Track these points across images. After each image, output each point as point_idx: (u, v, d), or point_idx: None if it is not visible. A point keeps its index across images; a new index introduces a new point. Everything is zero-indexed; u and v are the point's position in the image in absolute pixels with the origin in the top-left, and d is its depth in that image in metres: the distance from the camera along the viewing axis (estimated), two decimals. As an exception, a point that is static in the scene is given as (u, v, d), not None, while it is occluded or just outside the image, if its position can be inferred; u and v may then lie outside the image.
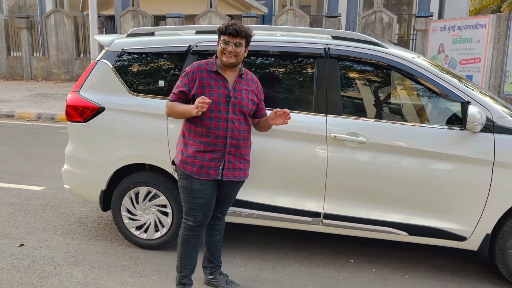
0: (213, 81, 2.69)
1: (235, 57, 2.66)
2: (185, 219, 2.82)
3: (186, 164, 2.71)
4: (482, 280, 3.25)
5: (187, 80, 2.72)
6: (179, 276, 2.88)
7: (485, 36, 8.51)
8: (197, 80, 2.68)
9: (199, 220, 2.78)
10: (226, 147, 2.69)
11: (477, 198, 3.00)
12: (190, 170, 2.70)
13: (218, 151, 2.70)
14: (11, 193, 4.84)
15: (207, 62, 2.76)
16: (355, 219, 3.18)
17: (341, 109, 3.18)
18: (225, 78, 2.71)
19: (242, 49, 2.68)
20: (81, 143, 3.56)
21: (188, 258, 2.86)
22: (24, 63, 16.52)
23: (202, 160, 2.69)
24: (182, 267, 2.86)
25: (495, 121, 2.97)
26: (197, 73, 2.70)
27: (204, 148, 2.69)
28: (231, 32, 2.62)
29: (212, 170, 2.70)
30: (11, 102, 11.10)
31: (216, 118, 2.66)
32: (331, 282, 3.18)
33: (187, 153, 2.72)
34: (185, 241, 2.83)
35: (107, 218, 4.21)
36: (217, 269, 3.05)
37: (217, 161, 2.70)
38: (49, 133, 8.27)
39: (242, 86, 2.76)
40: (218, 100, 2.66)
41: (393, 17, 13.16)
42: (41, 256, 3.46)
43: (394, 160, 3.09)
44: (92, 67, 3.59)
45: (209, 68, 2.72)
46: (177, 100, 2.76)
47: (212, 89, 2.67)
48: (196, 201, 2.74)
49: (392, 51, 3.21)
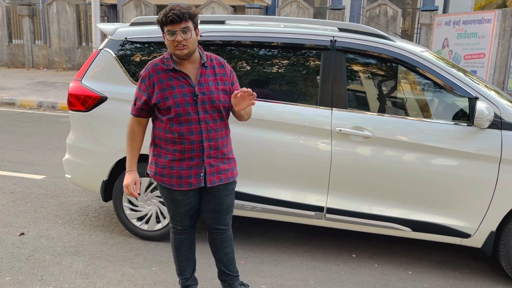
0: (173, 80, 2.38)
1: (187, 46, 2.32)
2: (173, 224, 2.66)
3: (163, 176, 2.46)
4: (485, 277, 3.23)
5: (145, 86, 2.41)
6: (182, 279, 2.73)
7: (490, 31, 8.43)
8: (156, 84, 2.38)
9: (186, 224, 2.63)
10: (204, 151, 2.41)
11: (483, 195, 2.97)
12: (168, 182, 2.46)
13: (196, 157, 2.41)
14: (12, 181, 4.82)
15: (161, 60, 2.44)
16: (358, 214, 3.16)
17: (347, 103, 3.14)
18: (185, 74, 2.39)
19: (192, 33, 2.32)
20: (83, 132, 3.53)
21: (187, 260, 2.72)
22: (25, 51, 16.43)
23: (179, 169, 2.42)
24: (182, 270, 2.72)
25: (503, 117, 2.93)
26: (154, 75, 2.39)
27: (179, 157, 2.41)
28: (173, 19, 2.27)
29: (193, 179, 2.44)
30: (12, 90, 11.05)
31: (186, 122, 2.37)
32: (333, 276, 3.16)
33: (161, 164, 2.46)
34: (179, 245, 2.68)
35: (108, 209, 4.19)
36: (236, 279, 2.76)
37: (197, 168, 2.43)
38: (50, 121, 8.24)
39: (208, 77, 2.43)
40: (183, 101, 2.36)
41: (397, 10, 13.05)
42: (42, 246, 3.44)
43: (399, 155, 3.05)
44: (94, 55, 3.55)
45: (166, 66, 2.40)
46: (140, 114, 2.46)
47: (173, 90, 2.36)
48: (180, 209, 2.55)
49: (400, 44, 3.17)
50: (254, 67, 3.37)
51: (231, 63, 3.38)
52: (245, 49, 3.36)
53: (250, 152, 3.22)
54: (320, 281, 3.09)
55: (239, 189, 3.26)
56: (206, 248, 3.45)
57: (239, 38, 3.32)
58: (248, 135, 3.20)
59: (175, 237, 2.68)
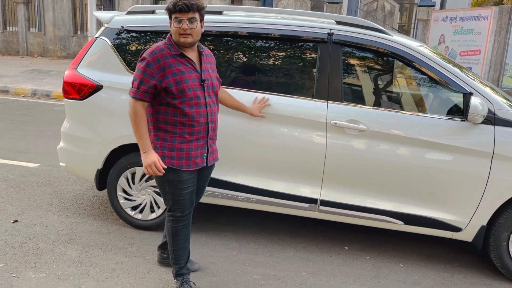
0: (181, 65, 2.48)
1: (191, 35, 2.44)
2: (171, 211, 2.70)
3: (172, 158, 2.55)
4: (474, 271, 3.27)
5: (153, 70, 2.43)
6: (176, 268, 2.78)
7: (486, 28, 8.45)
8: (166, 68, 2.43)
9: (187, 209, 2.70)
10: (209, 132, 2.60)
11: (475, 189, 3.00)
12: (178, 164, 2.55)
13: (202, 139, 2.59)
14: (5, 169, 4.80)
15: (166, 46, 2.49)
16: (351, 207, 3.18)
17: (343, 96, 3.15)
18: (191, 60, 2.53)
19: (197, 24, 2.46)
20: (77, 121, 3.52)
21: (182, 248, 2.76)
22: (20, 38, 16.27)
23: (189, 150, 2.56)
24: (177, 259, 2.76)
25: (496, 113, 2.96)
26: (162, 60, 2.44)
27: (188, 139, 2.54)
28: (182, 7, 2.39)
29: (199, 159, 2.60)
30: (6, 77, 10.96)
31: (196, 105, 2.51)
32: (325, 268, 3.19)
33: (169, 147, 2.55)
34: (176, 233, 2.72)
35: (102, 198, 4.19)
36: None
37: (202, 148, 2.61)
38: (44, 110, 8.19)
39: (207, 65, 2.62)
40: (194, 86, 2.49)
41: (395, 5, 13.04)
42: (35, 233, 3.44)
43: (393, 149, 3.07)
44: (90, 44, 3.53)
45: (172, 51, 2.47)
46: (144, 98, 2.45)
47: (184, 75, 2.47)
48: (184, 191, 2.63)
49: (397, 38, 3.17)
50: (251, 58, 3.36)
51: (228, 54, 3.38)
52: (242, 40, 3.35)
53: (244, 143, 3.23)
54: (312, 272, 3.12)
55: (234, 180, 3.28)
56: (197, 237, 3.47)
57: (237, 29, 3.31)
58: (243, 127, 3.21)
59: (172, 225, 2.72)
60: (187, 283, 2.76)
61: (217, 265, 3.12)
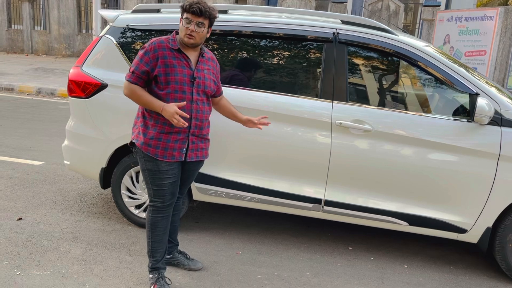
0: (176, 60, 2.56)
1: (195, 38, 2.53)
2: (152, 201, 2.73)
3: (149, 146, 2.61)
4: (479, 273, 3.26)
5: (149, 58, 2.54)
6: (152, 261, 2.77)
7: (492, 29, 8.41)
8: (160, 59, 2.53)
9: (167, 200, 2.71)
10: (191, 128, 2.62)
11: (480, 191, 2.98)
12: (153, 152, 2.61)
13: (182, 133, 2.62)
14: (10, 166, 4.82)
15: (167, 39, 2.60)
16: (355, 207, 3.17)
17: (348, 96, 3.14)
18: (188, 57, 2.59)
19: (204, 30, 2.55)
20: (82, 119, 3.52)
21: (160, 241, 2.76)
22: (25, 37, 16.33)
23: (166, 141, 2.60)
24: (154, 251, 2.76)
25: (503, 114, 2.94)
26: (159, 50, 2.54)
27: (168, 130, 2.59)
28: (195, 10, 2.48)
29: (176, 152, 2.63)
30: (11, 76, 11.00)
31: (181, 99, 2.56)
32: (329, 268, 3.18)
33: (149, 135, 2.61)
34: (155, 224, 2.73)
35: (106, 196, 4.20)
36: (175, 248, 3.03)
37: (181, 143, 2.63)
38: (49, 108, 8.21)
39: (204, 66, 2.67)
40: (182, 80, 2.56)
41: (400, 5, 13.00)
42: (40, 231, 3.45)
43: (398, 149, 3.06)
44: (95, 42, 3.53)
45: (171, 45, 2.57)
46: (137, 82, 2.56)
47: (175, 68, 2.55)
48: (164, 181, 2.66)
49: (402, 38, 3.16)
50: (256, 57, 3.36)
51: (233, 53, 3.37)
52: (247, 39, 3.35)
53: (249, 143, 3.22)
54: (316, 273, 3.11)
55: (238, 179, 3.27)
56: (201, 236, 3.47)
57: (242, 28, 3.30)
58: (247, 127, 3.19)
59: (152, 216, 2.74)
60: (162, 278, 2.75)
61: (220, 264, 3.12)
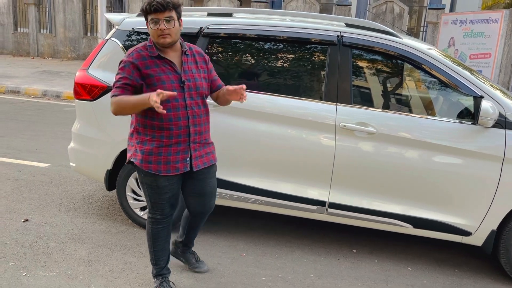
0: (159, 67, 2.42)
1: (169, 35, 2.38)
2: (152, 213, 2.65)
3: (149, 163, 2.47)
4: (484, 276, 3.25)
5: (130, 70, 2.40)
6: (156, 268, 2.75)
7: (496, 31, 8.39)
8: (142, 69, 2.39)
9: (166, 212, 2.65)
10: (191, 136, 2.49)
11: (485, 193, 2.98)
12: (155, 169, 2.47)
13: (182, 143, 2.48)
14: (16, 168, 4.85)
15: (145, 47, 2.45)
16: (360, 210, 3.18)
17: (352, 99, 3.15)
18: (171, 61, 2.44)
19: (175, 23, 2.39)
20: (88, 121, 3.55)
21: (162, 249, 2.72)
22: (31, 40, 16.45)
23: (167, 155, 2.47)
24: (157, 259, 2.73)
25: (507, 117, 2.94)
26: (139, 61, 2.40)
27: (166, 142, 2.45)
28: (157, 7, 2.32)
29: (180, 164, 2.50)
30: (17, 78, 11.08)
31: (174, 108, 2.41)
32: (333, 270, 3.18)
33: (147, 151, 2.47)
34: (156, 235, 2.68)
35: (112, 198, 4.22)
36: (189, 249, 3.03)
37: (183, 153, 2.50)
38: (54, 110, 8.27)
39: (191, 65, 2.51)
40: (171, 87, 2.41)
41: (404, 8, 13.00)
42: (45, 232, 3.47)
43: (403, 152, 3.06)
44: (101, 45, 3.56)
45: (150, 53, 2.42)
46: (123, 93, 2.39)
47: (160, 76, 2.40)
48: (163, 196, 2.57)
49: (407, 41, 3.17)
50: (260, 60, 3.38)
51: (238, 56, 3.39)
52: (252, 42, 3.37)
53: (253, 145, 3.24)
54: (320, 275, 3.11)
55: (242, 181, 3.29)
56: (205, 239, 3.48)
57: (246, 31, 3.32)
58: (252, 129, 3.22)
59: (152, 227, 2.69)
60: (166, 282, 2.75)
61: (225, 266, 3.13)
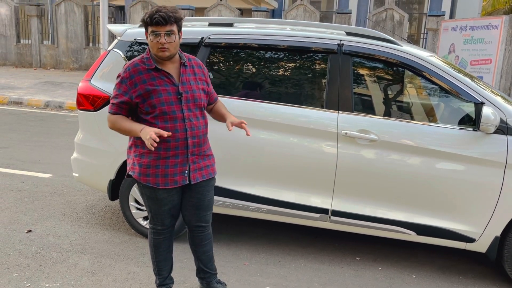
0: (156, 80, 2.40)
1: (169, 49, 2.37)
2: (153, 224, 2.65)
3: (147, 176, 2.46)
4: (488, 282, 3.23)
5: (126, 86, 2.40)
6: (159, 278, 2.74)
7: (497, 37, 8.42)
8: (138, 85, 2.38)
9: (167, 223, 2.64)
10: (189, 148, 2.45)
11: (488, 200, 2.98)
12: (153, 182, 2.46)
13: (180, 155, 2.45)
14: (19, 179, 4.87)
15: (142, 60, 2.44)
16: (363, 217, 3.17)
17: (353, 106, 3.16)
18: (168, 73, 2.43)
19: (175, 37, 2.36)
20: (91, 132, 3.57)
21: (164, 260, 2.72)
22: (33, 51, 16.57)
23: (165, 167, 2.44)
24: (160, 269, 2.73)
25: (508, 123, 2.94)
26: (136, 76, 2.39)
27: (164, 155, 2.43)
28: (159, 20, 2.29)
29: (178, 177, 2.47)
30: (20, 89, 11.14)
31: (171, 120, 2.40)
32: (337, 279, 3.17)
33: (145, 164, 2.46)
34: (157, 246, 2.68)
35: (114, 208, 4.23)
36: (213, 277, 2.81)
37: (181, 165, 2.47)
38: (57, 121, 8.30)
39: (189, 77, 2.49)
40: (168, 100, 2.39)
41: (404, 15, 13.07)
42: (49, 243, 3.48)
43: (404, 159, 3.07)
44: (104, 56, 3.59)
45: (147, 66, 2.42)
46: (118, 111, 2.43)
47: (157, 89, 2.38)
48: (162, 208, 2.56)
49: (407, 49, 3.19)
50: (262, 69, 3.40)
51: (239, 65, 3.41)
52: (253, 52, 3.39)
53: (255, 153, 3.25)
54: (324, 283, 3.10)
55: (244, 190, 3.29)
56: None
57: (247, 40, 3.35)
58: (254, 137, 3.23)
59: (154, 238, 2.68)
60: None
61: (228, 275, 3.13)
